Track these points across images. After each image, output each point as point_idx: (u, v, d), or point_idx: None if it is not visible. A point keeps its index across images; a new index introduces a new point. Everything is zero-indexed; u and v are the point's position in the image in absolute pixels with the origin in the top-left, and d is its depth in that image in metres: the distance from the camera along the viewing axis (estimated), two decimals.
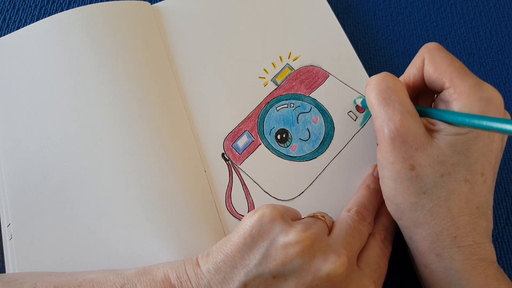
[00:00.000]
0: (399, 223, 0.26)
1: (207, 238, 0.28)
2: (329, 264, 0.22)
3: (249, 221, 0.24)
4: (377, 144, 0.26)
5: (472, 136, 0.24)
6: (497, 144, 0.25)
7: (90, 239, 0.29)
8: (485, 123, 0.21)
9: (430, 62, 0.25)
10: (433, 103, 0.28)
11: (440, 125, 0.24)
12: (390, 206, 0.26)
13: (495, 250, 0.25)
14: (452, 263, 0.24)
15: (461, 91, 0.24)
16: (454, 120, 0.23)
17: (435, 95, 0.28)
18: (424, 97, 0.29)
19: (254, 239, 0.23)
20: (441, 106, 0.26)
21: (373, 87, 0.25)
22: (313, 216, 0.26)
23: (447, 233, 0.24)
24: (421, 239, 0.25)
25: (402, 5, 0.41)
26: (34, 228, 0.29)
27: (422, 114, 0.25)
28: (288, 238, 0.23)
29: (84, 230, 0.29)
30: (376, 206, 0.28)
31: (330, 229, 0.26)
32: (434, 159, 0.23)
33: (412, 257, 0.27)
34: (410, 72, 0.27)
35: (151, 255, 0.28)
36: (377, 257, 0.26)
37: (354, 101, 0.34)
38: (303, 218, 0.26)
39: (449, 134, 0.24)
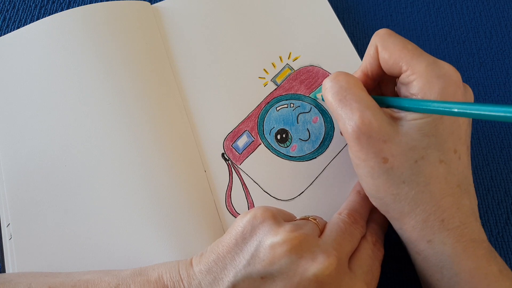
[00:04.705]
0: (388, 216, 0.26)
1: (207, 238, 0.28)
2: (317, 265, 0.22)
3: (241, 222, 0.24)
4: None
5: (438, 116, 0.23)
6: (464, 119, 0.25)
7: (90, 239, 0.29)
8: (448, 107, 0.21)
9: (383, 49, 0.25)
10: (396, 87, 0.28)
11: (405, 112, 0.24)
12: (374, 201, 0.26)
13: (495, 250, 0.25)
14: (444, 248, 0.24)
15: (419, 71, 0.23)
16: (418, 108, 0.23)
17: (397, 79, 0.27)
18: (385, 83, 0.29)
19: (245, 240, 0.23)
20: (403, 89, 0.25)
21: (328, 90, 0.25)
22: (305, 218, 0.26)
23: (434, 218, 0.24)
24: (410, 228, 0.25)
25: (402, 5, 0.41)
26: (34, 228, 0.29)
27: (384, 104, 0.25)
28: (276, 238, 0.22)
29: (84, 230, 0.29)
30: (367, 211, 0.28)
31: (322, 232, 0.25)
32: (404, 147, 0.23)
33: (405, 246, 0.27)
34: (367, 62, 0.27)
35: (151, 255, 0.28)
36: (370, 259, 0.25)
37: (315, 96, 0.33)
38: (295, 220, 0.26)
39: (415, 119, 0.23)
